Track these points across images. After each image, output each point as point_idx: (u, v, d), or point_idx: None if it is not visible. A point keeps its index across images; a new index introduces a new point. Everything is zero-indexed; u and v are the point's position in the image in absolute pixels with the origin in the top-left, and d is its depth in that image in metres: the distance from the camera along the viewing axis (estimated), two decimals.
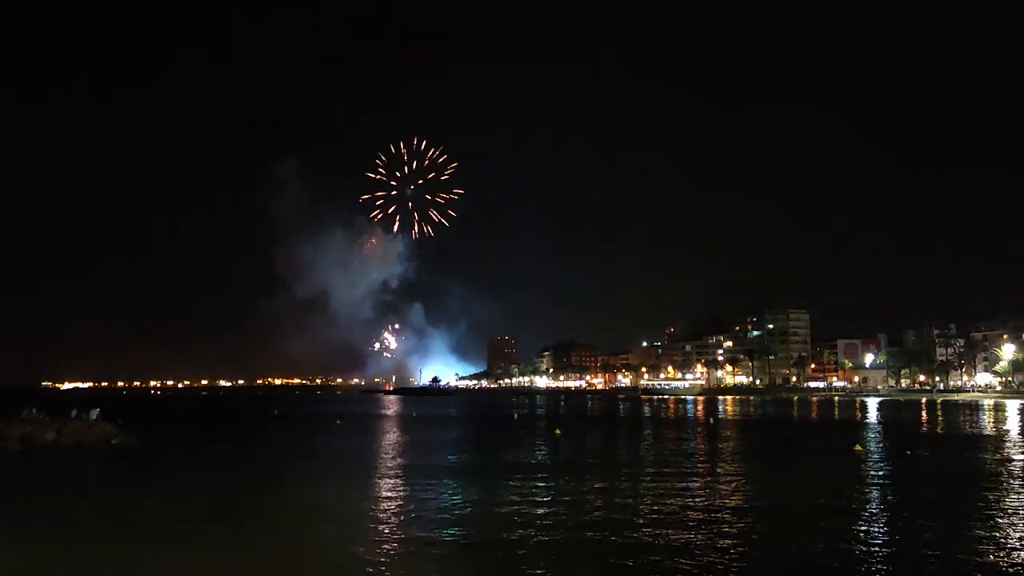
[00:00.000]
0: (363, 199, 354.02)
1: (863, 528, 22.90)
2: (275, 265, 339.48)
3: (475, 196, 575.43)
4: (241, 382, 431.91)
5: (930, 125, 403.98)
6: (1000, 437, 56.27)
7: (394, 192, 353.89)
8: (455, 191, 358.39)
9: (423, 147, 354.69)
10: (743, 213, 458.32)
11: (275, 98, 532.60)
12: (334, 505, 27.73)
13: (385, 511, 26.09)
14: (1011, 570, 18.13)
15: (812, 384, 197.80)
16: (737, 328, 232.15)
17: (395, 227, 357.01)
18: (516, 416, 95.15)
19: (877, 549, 20.18)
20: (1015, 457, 42.52)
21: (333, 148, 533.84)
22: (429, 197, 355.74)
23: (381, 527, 23.31)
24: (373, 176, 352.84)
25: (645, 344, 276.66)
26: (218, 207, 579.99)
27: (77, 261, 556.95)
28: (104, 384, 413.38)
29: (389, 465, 40.37)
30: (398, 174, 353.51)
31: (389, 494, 29.99)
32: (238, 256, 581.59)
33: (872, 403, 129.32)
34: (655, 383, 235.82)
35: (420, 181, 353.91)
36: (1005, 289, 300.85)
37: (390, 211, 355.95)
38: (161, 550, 20.51)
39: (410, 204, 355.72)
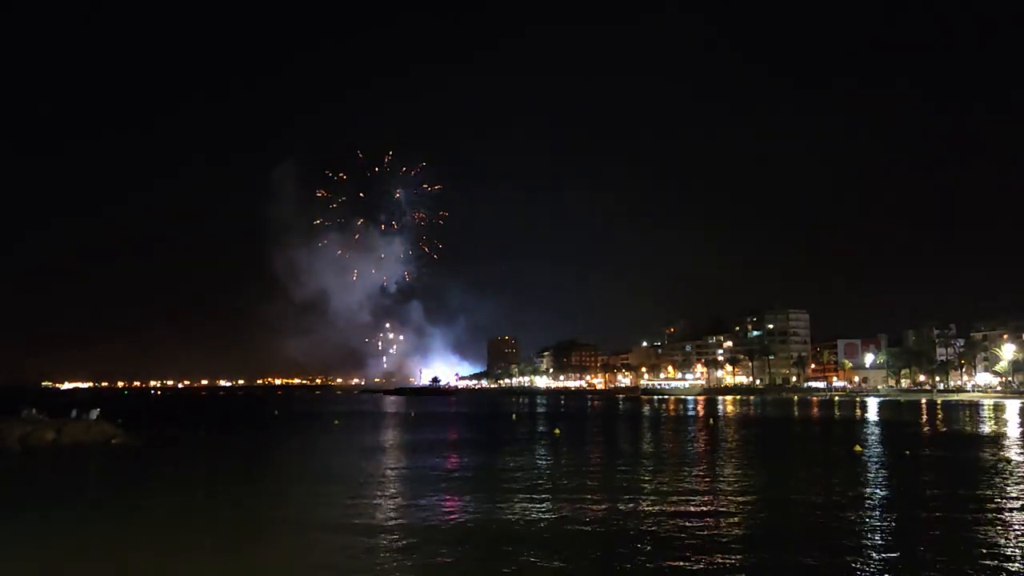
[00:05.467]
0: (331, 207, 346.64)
1: (863, 528, 22.95)
2: (272, 267, 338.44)
3: (474, 195, 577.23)
4: (241, 382, 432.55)
5: (934, 124, 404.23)
6: (1000, 437, 56.27)
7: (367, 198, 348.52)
8: (440, 213, 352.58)
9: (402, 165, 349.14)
10: (742, 213, 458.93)
11: (275, 98, 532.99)
12: (332, 508, 27.65)
13: (384, 512, 26.14)
14: (1012, 569, 18.16)
15: (812, 384, 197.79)
16: (737, 328, 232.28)
17: (392, 228, 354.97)
18: (515, 416, 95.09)
19: (877, 549, 20.22)
20: (1014, 457, 42.52)
21: (332, 149, 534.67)
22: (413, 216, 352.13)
23: (380, 529, 23.33)
24: (324, 194, 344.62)
25: (645, 344, 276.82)
26: (219, 207, 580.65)
27: (77, 261, 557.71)
28: (104, 384, 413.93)
29: (387, 467, 40.36)
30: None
31: (388, 496, 30.02)
32: (238, 257, 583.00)
33: (872, 403, 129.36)
34: (655, 383, 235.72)
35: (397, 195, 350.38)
36: (1005, 289, 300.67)
37: (381, 216, 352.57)
38: (160, 551, 20.53)
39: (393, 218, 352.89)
